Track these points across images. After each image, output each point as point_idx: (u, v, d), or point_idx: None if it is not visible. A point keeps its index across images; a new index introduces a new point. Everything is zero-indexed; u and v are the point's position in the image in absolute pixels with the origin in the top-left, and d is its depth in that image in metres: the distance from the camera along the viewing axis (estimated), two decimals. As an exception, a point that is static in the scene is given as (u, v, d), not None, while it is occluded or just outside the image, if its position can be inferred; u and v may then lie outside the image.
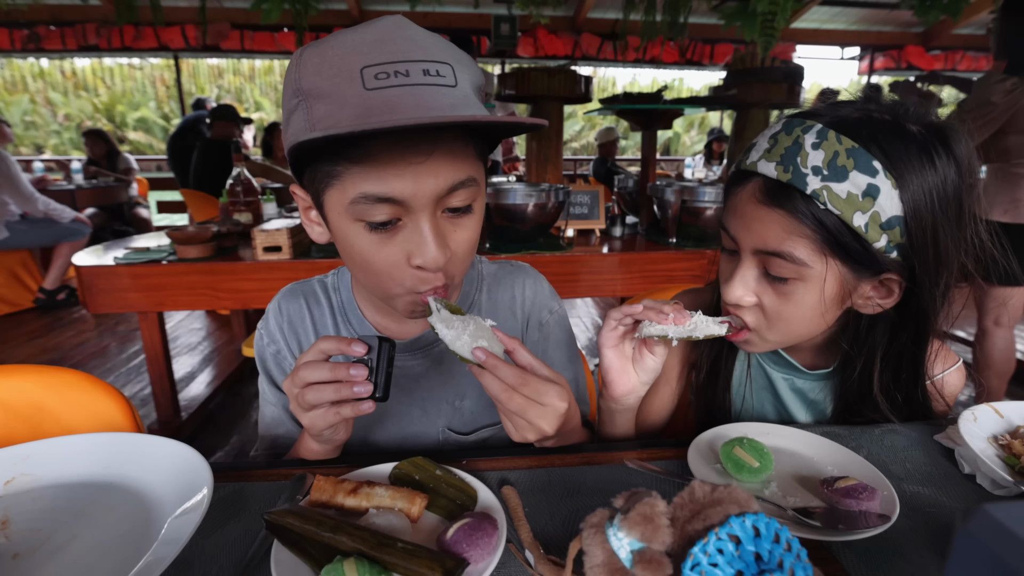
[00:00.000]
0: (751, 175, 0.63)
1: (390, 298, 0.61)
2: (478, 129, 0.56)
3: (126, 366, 2.93)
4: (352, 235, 0.56)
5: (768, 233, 0.61)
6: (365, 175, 0.52)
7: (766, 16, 2.78)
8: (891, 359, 0.69)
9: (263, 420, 0.75)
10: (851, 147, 0.57)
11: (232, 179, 2.32)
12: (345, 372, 0.53)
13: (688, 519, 0.38)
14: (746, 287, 0.65)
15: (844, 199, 0.57)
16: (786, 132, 0.61)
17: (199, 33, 5.35)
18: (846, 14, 5.82)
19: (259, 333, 0.75)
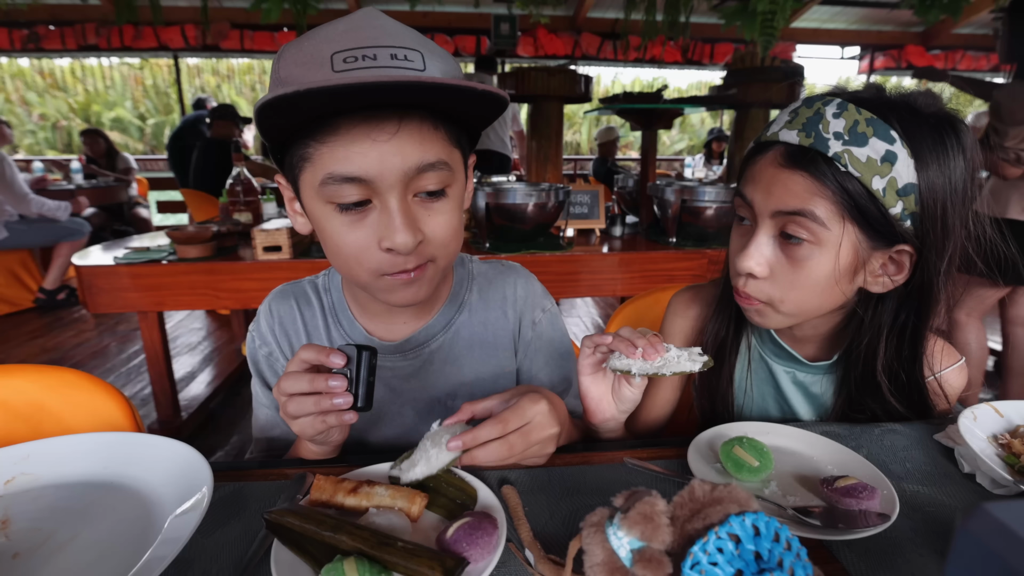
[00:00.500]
0: (771, 145, 0.65)
1: (364, 285, 0.61)
2: (451, 115, 0.57)
3: (126, 366, 2.93)
4: (324, 218, 0.56)
5: (789, 194, 0.62)
6: (332, 154, 0.52)
7: (766, 16, 2.78)
8: (894, 337, 0.70)
9: (257, 423, 0.75)
10: (870, 117, 0.60)
11: (232, 179, 2.32)
12: (324, 384, 0.52)
13: (688, 518, 0.38)
14: (760, 255, 0.65)
15: (864, 162, 0.59)
16: (806, 106, 0.64)
17: (199, 33, 5.35)
18: (846, 13, 5.81)
19: (250, 336, 0.75)
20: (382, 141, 0.52)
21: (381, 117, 0.52)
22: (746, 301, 0.69)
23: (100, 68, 12.00)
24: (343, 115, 0.52)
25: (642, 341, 0.62)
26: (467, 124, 0.62)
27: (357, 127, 0.52)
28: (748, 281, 0.67)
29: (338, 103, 0.50)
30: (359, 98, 0.49)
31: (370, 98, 0.50)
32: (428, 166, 0.55)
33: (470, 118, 0.60)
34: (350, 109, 0.51)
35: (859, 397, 0.74)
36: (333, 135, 0.52)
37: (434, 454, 0.53)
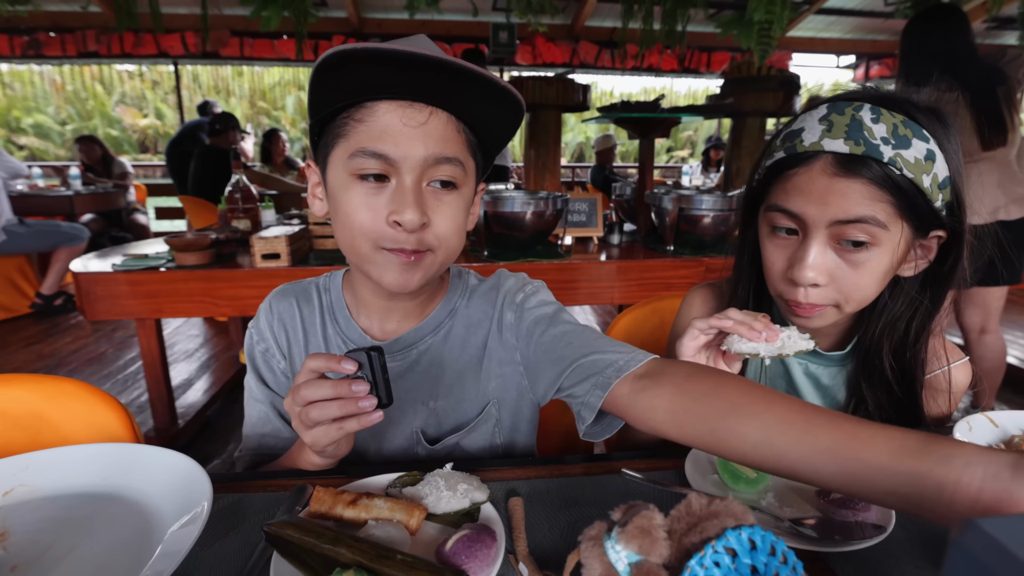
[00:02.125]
0: (812, 156, 0.65)
1: (362, 259, 0.64)
2: (473, 125, 0.64)
3: (123, 373, 2.92)
4: (344, 189, 0.61)
5: (848, 202, 0.63)
6: (367, 132, 0.59)
7: (762, 25, 2.81)
8: (904, 322, 0.73)
9: (249, 419, 0.75)
10: (903, 119, 0.63)
11: (231, 186, 2.33)
12: (347, 389, 0.53)
13: (685, 532, 0.38)
14: (820, 265, 0.67)
15: (913, 164, 0.62)
16: (837, 113, 0.65)
17: (199, 40, 5.36)
18: (841, 23, 5.86)
19: (249, 332, 0.77)
20: (411, 127, 0.59)
21: (414, 108, 0.59)
22: (806, 310, 0.70)
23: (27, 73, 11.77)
24: (382, 100, 0.59)
25: (760, 324, 0.64)
26: (486, 140, 0.67)
27: (392, 113, 0.59)
28: (809, 292, 0.68)
29: (375, 82, 0.57)
30: (400, 77, 0.56)
31: (407, 81, 0.57)
32: (445, 159, 0.61)
33: (490, 130, 0.66)
34: (389, 96, 0.59)
35: (865, 388, 0.76)
36: (371, 116, 0.59)
37: (447, 497, 0.54)
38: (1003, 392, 2.30)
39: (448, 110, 0.61)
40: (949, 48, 1.94)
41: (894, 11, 4.95)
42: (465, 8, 4.51)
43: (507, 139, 0.68)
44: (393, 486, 0.59)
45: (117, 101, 11.68)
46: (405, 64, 0.55)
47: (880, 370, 0.74)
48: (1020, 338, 3.47)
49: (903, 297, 0.73)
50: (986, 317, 2.16)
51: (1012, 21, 5.18)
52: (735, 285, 0.82)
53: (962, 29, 1.95)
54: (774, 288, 0.74)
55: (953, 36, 1.95)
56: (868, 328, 0.75)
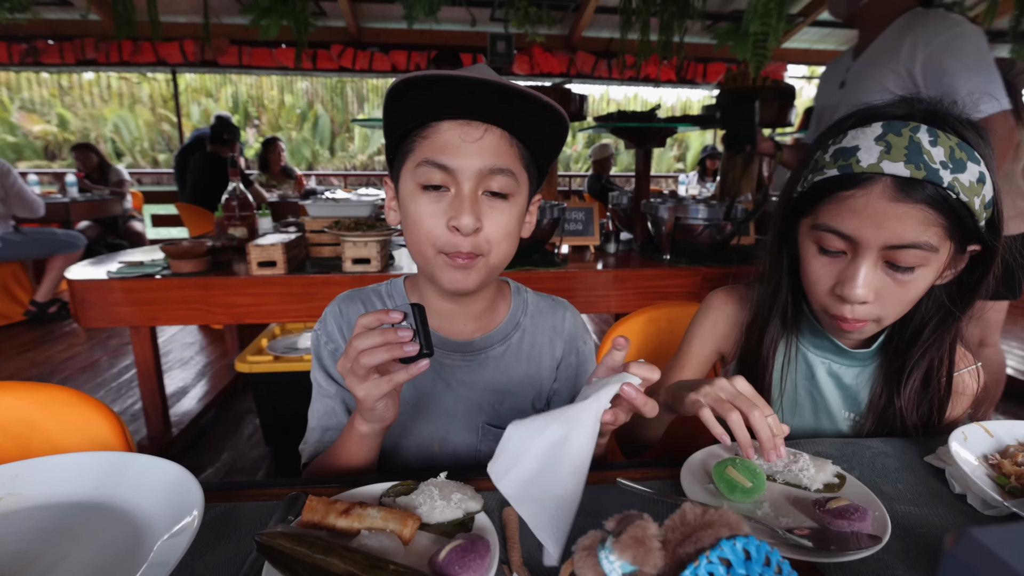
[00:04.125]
0: (867, 177, 0.65)
1: (427, 263, 0.71)
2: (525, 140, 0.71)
3: (116, 381, 2.91)
4: (412, 197, 0.69)
5: (904, 227, 0.64)
6: (431, 146, 0.67)
7: (758, 36, 2.83)
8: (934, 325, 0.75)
9: (315, 413, 0.81)
10: (957, 142, 0.64)
11: (227, 193, 2.33)
12: (393, 334, 0.58)
13: (679, 542, 0.38)
14: (870, 285, 0.68)
15: (968, 187, 0.63)
16: (894, 133, 0.64)
17: (198, 48, 5.38)
18: (835, 35, 5.92)
19: (315, 334, 0.83)
20: (469, 142, 0.66)
21: (471, 126, 0.66)
22: (852, 326, 0.71)
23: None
24: (444, 120, 0.66)
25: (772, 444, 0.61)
26: (537, 153, 0.73)
27: (452, 130, 0.66)
28: (856, 308, 0.69)
29: (439, 104, 0.65)
30: (457, 99, 0.64)
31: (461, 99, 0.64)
32: (498, 170, 0.67)
33: (539, 143, 0.72)
34: (450, 116, 0.66)
35: (893, 389, 0.78)
36: (434, 133, 0.67)
37: (440, 507, 0.54)
38: (1001, 403, 2.30)
39: (501, 126, 0.68)
40: None
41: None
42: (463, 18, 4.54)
43: (556, 151, 0.75)
44: (387, 495, 0.58)
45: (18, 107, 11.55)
46: (460, 87, 0.63)
47: (906, 372, 0.77)
48: (1016, 349, 3.48)
49: (934, 303, 0.75)
50: (986, 331, 2.17)
51: (1004, 34, 5.25)
52: (773, 295, 0.82)
53: None
54: (819, 302, 0.74)
55: None
56: (897, 331, 0.78)
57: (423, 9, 3.39)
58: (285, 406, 2.13)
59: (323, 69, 5.81)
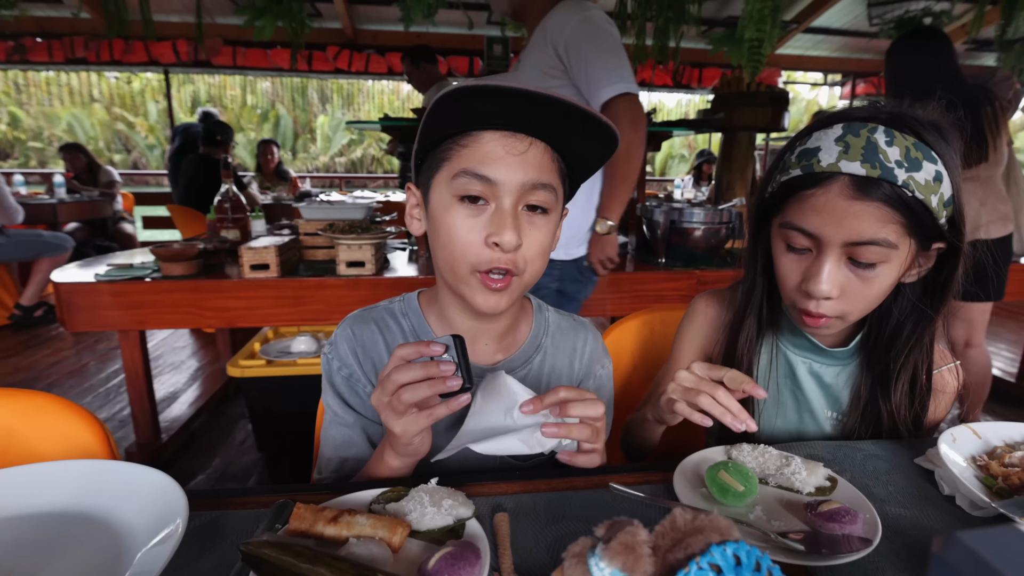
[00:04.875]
0: (828, 176, 0.67)
1: (460, 280, 0.67)
2: (565, 156, 0.69)
3: (105, 386, 2.87)
4: (447, 209, 0.65)
5: (863, 224, 0.66)
6: (471, 156, 0.64)
7: (752, 43, 2.84)
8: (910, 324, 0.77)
9: (331, 442, 0.76)
10: (914, 142, 0.65)
11: (220, 195, 2.31)
12: (436, 369, 0.56)
13: (670, 548, 0.37)
14: (833, 280, 0.69)
15: (924, 185, 0.65)
16: (853, 134, 0.67)
17: (191, 48, 5.34)
18: (828, 42, 5.96)
19: (326, 358, 0.77)
20: (513, 155, 0.63)
21: (516, 136, 0.64)
22: (816, 321, 0.73)
23: None
24: (487, 129, 0.64)
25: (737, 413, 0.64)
26: (576, 169, 0.72)
27: (496, 141, 0.63)
28: (821, 304, 0.71)
29: (484, 114, 0.62)
30: (503, 109, 0.62)
31: (509, 111, 0.62)
32: (541, 185, 0.65)
33: (583, 160, 0.70)
34: (494, 125, 0.63)
35: (870, 389, 0.79)
36: (475, 143, 0.64)
37: (431, 513, 0.53)
38: (987, 403, 2.32)
39: (547, 141, 0.66)
40: (934, 66, 1.98)
41: (878, 31, 5.07)
42: (460, 21, 4.54)
43: (596, 168, 0.73)
44: (377, 502, 0.58)
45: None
46: (513, 99, 0.60)
47: (885, 371, 0.77)
48: (1003, 350, 3.51)
49: (906, 303, 0.76)
50: (971, 331, 2.19)
51: (990, 43, 5.31)
52: (748, 293, 0.84)
53: (946, 48, 1.99)
54: (788, 298, 0.77)
55: (938, 54, 1.99)
56: (873, 331, 0.79)
57: (420, 11, 3.39)
58: (278, 411, 2.12)
59: (319, 71, 5.79)
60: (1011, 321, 4.10)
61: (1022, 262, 2.43)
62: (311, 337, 2.13)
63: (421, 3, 3.32)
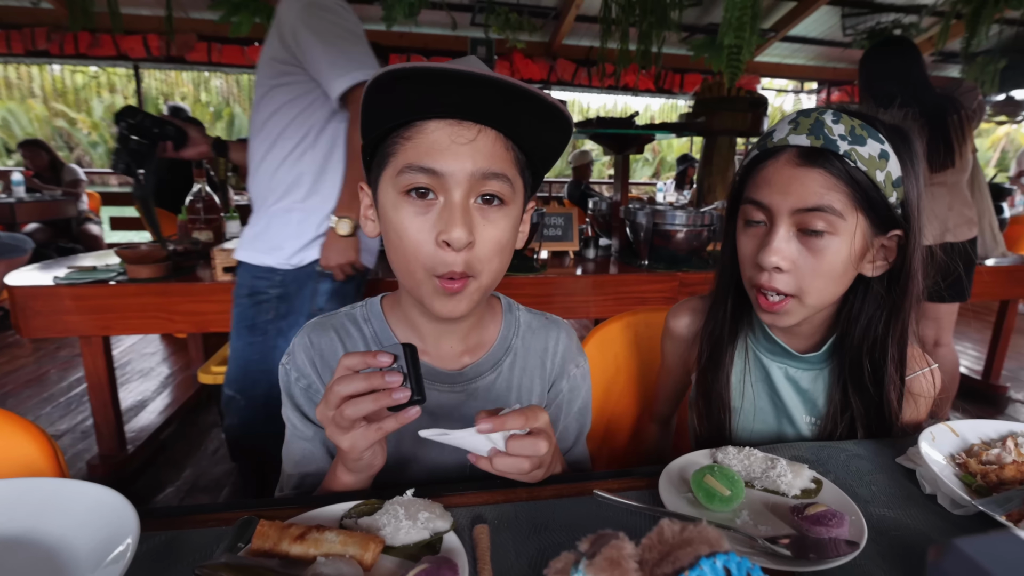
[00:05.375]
0: (779, 150, 0.71)
1: (417, 286, 0.64)
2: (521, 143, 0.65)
3: (66, 395, 2.74)
4: (394, 208, 0.62)
5: (807, 191, 0.68)
6: (416, 149, 0.60)
7: (732, 49, 2.87)
8: (879, 324, 0.76)
9: (291, 458, 0.72)
10: (861, 123, 0.69)
11: (192, 195, 2.25)
12: (381, 380, 0.53)
13: (657, 561, 0.35)
14: (783, 250, 0.70)
15: (867, 159, 0.67)
16: (804, 116, 0.71)
17: (163, 43, 5.17)
18: (805, 50, 6.08)
19: (284, 369, 0.74)
20: (460, 144, 0.59)
21: (463, 124, 0.60)
22: (774, 304, 0.73)
23: None
24: (431, 119, 0.59)
25: None
26: (534, 158, 0.68)
27: (442, 130, 0.59)
28: (773, 276, 0.72)
29: (428, 103, 0.58)
30: (449, 96, 0.58)
31: (452, 97, 0.58)
32: (492, 174, 0.61)
33: (538, 148, 0.67)
34: (437, 115, 0.59)
35: (850, 391, 0.78)
36: (420, 134, 0.60)
37: (406, 527, 0.50)
38: (955, 400, 2.38)
39: (497, 128, 0.61)
40: (905, 74, 2.04)
41: (852, 41, 5.20)
42: (444, 22, 4.50)
43: (555, 157, 0.70)
44: (348, 516, 0.54)
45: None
46: (455, 83, 0.56)
47: (859, 373, 0.77)
48: (970, 349, 3.61)
49: (873, 299, 0.76)
50: (939, 331, 2.25)
51: (955, 55, 5.48)
52: (717, 279, 0.85)
53: (915, 57, 2.07)
54: (746, 277, 0.77)
55: (908, 63, 2.06)
56: (845, 330, 0.78)
57: (402, 11, 3.35)
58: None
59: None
60: (976, 321, 4.21)
61: (986, 263, 2.51)
62: (286, 341, 2.08)
63: (403, 3, 3.29)
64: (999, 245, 2.54)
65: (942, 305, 2.20)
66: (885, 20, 4.84)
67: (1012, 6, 3.03)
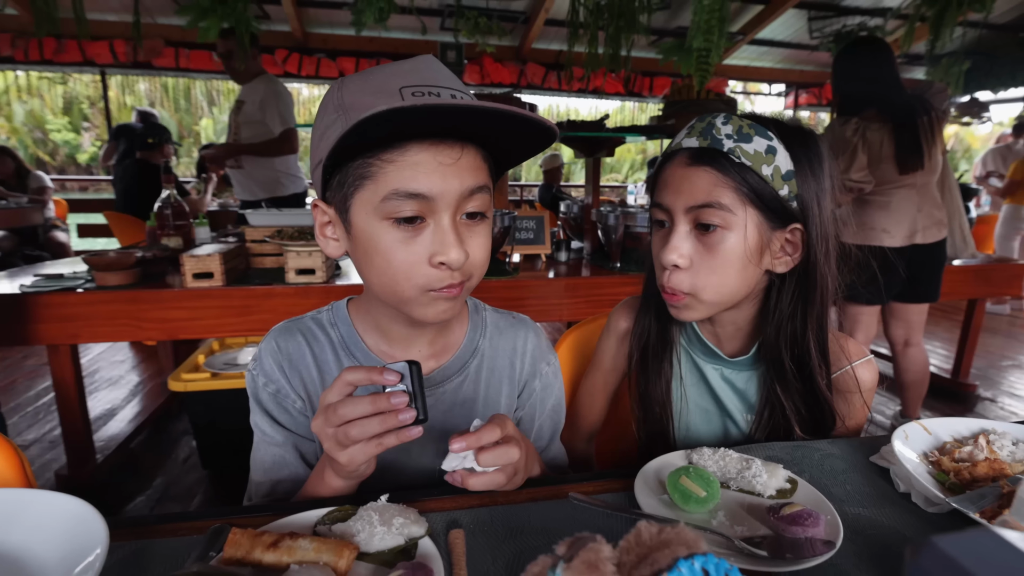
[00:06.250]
0: (675, 153, 0.75)
1: (405, 302, 0.63)
2: (490, 148, 0.64)
3: (34, 405, 2.66)
4: (378, 235, 0.60)
5: (697, 188, 0.72)
6: (399, 173, 0.57)
7: (701, 53, 2.92)
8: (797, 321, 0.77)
9: (261, 465, 0.71)
10: (749, 123, 0.72)
11: (161, 201, 2.20)
12: (387, 402, 0.53)
13: (635, 564, 0.35)
14: (681, 247, 0.73)
15: (752, 155, 0.70)
16: (699, 121, 0.75)
17: (130, 49, 5.05)
18: (772, 53, 6.21)
19: (251, 375, 0.72)
20: (446, 164, 0.58)
21: (446, 144, 0.58)
22: (673, 298, 0.76)
23: None
24: (412, 139, 0.57)
25: None
26: (502, 163, 0.68)
27: (425, 151, 0.57)
28: (672, 274, 0.74)
29: (412, 126, 0.56)
30: (434, 122, 0.56)
31: (442, 123, 0.57)
32: (477, 189, 0.61)
33: (513, 157, 0.67)
34: (419, 135, 0.57)
35: (779, 390, 0.79)
36: (401, 156, 0.57)
37: (380, 533, 0.50)
38: (926, 399, 2.44)
39: (479, 144, 0.62)
40: (876, 75, 2.07)
41: (818, 44, 5.33)
42: (414, 27, 4.49)
43: (528, 157, 0.69)
44: (322, 523, 0.54)
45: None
46: (449, 115, 0.55)
47: (782, 370, 0.78)
48: (939, 348, 3.72)
49: (786, 296, 0.78)
50: (909, 331, 2.30)
51: (920, 57, 5.66)
52: (646, 281, 0.88)
53: (887, 57, 2.09)
54: (656, 278, 0.79)
55: (879, 63, 2.08)
56: (766, 330, 0.79)
57: (372, 16, 3.33)
58: (225, 426, 2.01)
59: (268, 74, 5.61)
60: (946, 321, 4.34)
61: (955, 264, 2.58)
62: (260, 348, 2.04)
63: (373, 7, 3.26)
64: (969, 246, 2.59)
65: (912, 306, 2.25)
66: (851, 23, 4.97)
67: (974, 9, 3.14)
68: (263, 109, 2.91)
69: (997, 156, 5.23)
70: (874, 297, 2.20)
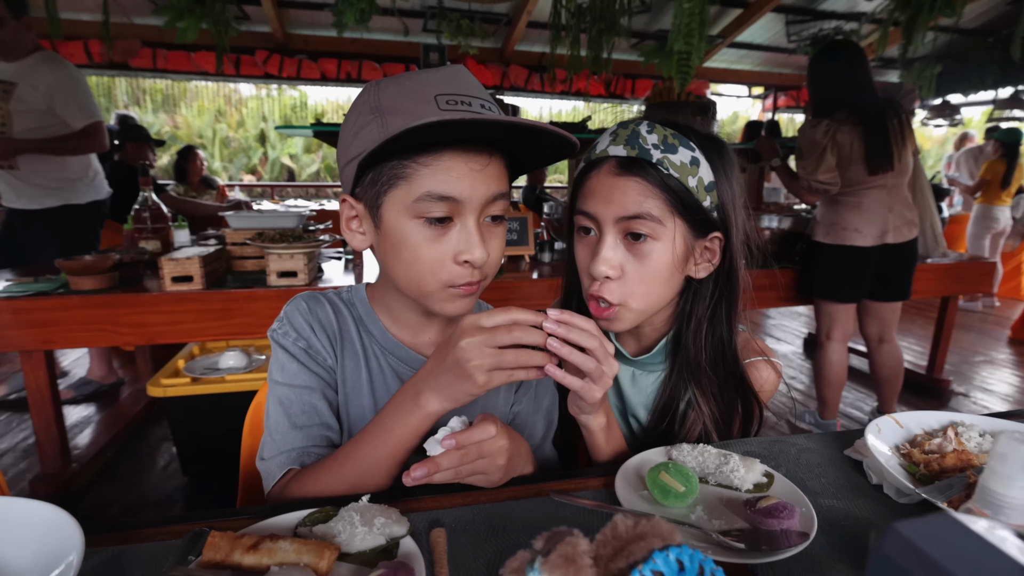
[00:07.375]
0: (601, 161, 0.76)
1: (426, 295, 0.67)
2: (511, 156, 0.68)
3: (5, 412, 2.60)
4: (408, 231, 0.64)
5: (627, 199, 0.72)
6: (432, 176, 0.61)
7: (682, 55, 2.95)
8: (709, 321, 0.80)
9: (288, 421, 0.69)
10: (673, 132, 0.74)
11: (138, 204, 2.16)
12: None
13: (612, 556, 0.36)
14: (612, 258, 0.74)
15: (679, 166, 0.72)
16: (623, 127, 0.76)
17: (105, 49, 4.97)
18: (751, 56, 6.31)
19: (278, 332, 0.73)
20: (476, 170, 0.63)
21: (476, 151, 0.63)
22: (604, 311, 0.76)
23: None
24: (446, 146, 0.61)
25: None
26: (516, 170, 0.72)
27: (458, 157, 0.62)
28: (603, 285, 0.75)
29: (448, 133, 0.59)
30: (469, 132, 0.60)
31: (476, 133, 0.61)
32: (501, 194, 0.66)
33: (526, 163, 0.71)
34: (453, 142, 0.61)
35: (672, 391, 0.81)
36: (436, 160, 0.61)
37: (361, 533, 0.50)
38: (901, 394, 2.50)
39: (505, 153, 0.67)
40: (850, 77, 2.12)
41: (796, 47, 5.43)
42: (396, 28, 4.48)
43: (536, 169, 0.76)
44: (303, 524, 0.54)
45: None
46: (484, 127, 0.59)
47: (696, 368, 0.80)
48: (913, 345, 3.80)
49: (700, 298, 0.80)
50: (883, 328, 2.35)
51: (894, 61, 5.80)
52: (564, 286, 0.90)
53: (860, 61, 2.14)
54: (584, 287, 0.79)
55: (852, 66, 2.13)
56: (678, 329, 0.81)
57: (354, 18, 3.31)
58: (205, 432, 1.98)
59: (247, 75, 5.55)
60: (920, 318, 4.44)
61: (928, 262, 2.64)
62: (241, 352, 2.02)
63: (354, 8, 3.25)
64: (940, 245, 2.65)
65: (885, 304, 2.30)
66: (827, 27, 5.08)
67: (945, 14, 3.22)
68: (52, 96, 2.33)
69: (970, 157, 5.40)
70: (848, 295, 2.25)
